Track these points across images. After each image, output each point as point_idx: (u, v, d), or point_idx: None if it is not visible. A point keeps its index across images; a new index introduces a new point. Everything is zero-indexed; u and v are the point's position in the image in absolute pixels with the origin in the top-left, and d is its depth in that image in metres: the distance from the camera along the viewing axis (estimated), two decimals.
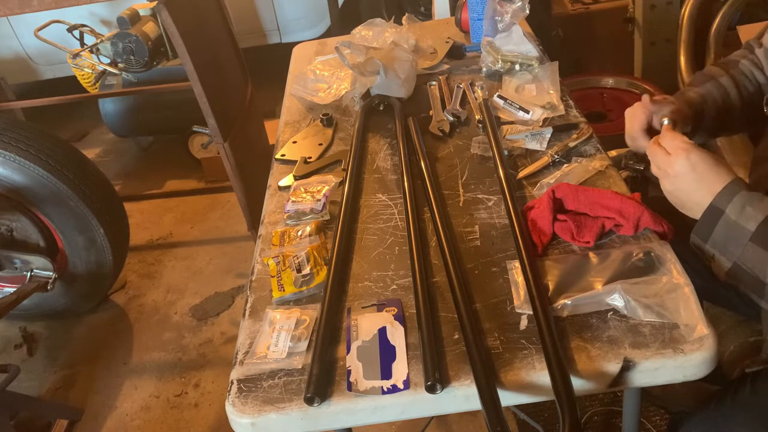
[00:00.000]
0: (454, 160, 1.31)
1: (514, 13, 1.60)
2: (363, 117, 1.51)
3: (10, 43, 3.59)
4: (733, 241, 0.85)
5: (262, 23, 3.66)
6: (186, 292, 2.57)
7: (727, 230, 0.86)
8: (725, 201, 0.86)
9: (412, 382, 0.86)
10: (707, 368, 0.85)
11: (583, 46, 3.08)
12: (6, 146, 2.04)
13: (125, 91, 2.98)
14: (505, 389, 0.84)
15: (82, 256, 2.25)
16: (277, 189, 1.33)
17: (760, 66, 1.14)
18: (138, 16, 2.73)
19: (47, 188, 2.09)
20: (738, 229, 0.84)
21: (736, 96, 1.13)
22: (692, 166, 0.90)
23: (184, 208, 3.11)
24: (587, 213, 1.04)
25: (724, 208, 0.86)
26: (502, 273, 1.01)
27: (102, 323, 2.50)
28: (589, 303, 0.91)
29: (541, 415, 1.71)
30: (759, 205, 0.84)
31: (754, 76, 1.15)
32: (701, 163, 0.89)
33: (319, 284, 1.04)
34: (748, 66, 1.15)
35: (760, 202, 0.84)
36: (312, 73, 1.73)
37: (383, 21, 1.76)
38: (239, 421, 0.87)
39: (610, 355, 0.85)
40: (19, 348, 2.43)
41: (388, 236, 1.14)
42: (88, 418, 2.11)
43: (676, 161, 0.91)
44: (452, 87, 1.58)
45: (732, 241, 0.85)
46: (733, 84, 1.13)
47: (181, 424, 2.02)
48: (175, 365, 2.24)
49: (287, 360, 0.92)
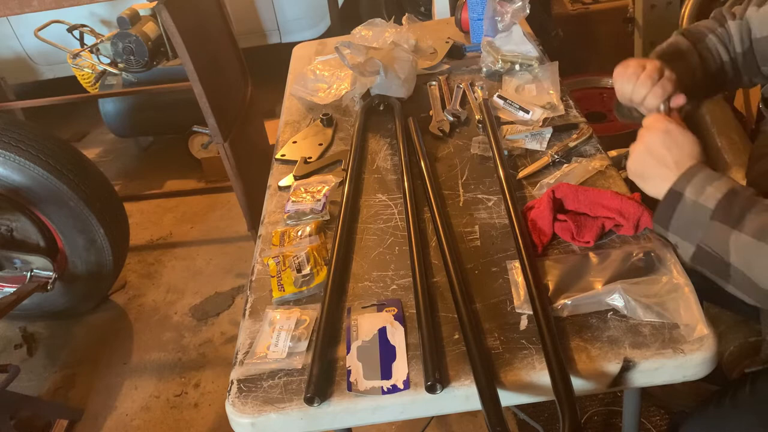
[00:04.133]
0: (454, 160, 1.31)
1: (514, 13, 1.60)
2: (363, 117, 1.51)
3: (10, 43, 3.59)
4: (695, 223, 0.83)
5: (262, 23, 3.66)
6: (186, 292, 2.57)
7: (687, 213, 0.83)
8: (684, 184, 0.84)
9: (412, 382, 0.86)
10: (707, 368, 0.85)
11: (583, 46, 3.08)
12: (6, 146, 2.04)
13: (125, 91, 2.98)
14: (505, 389, 0.84)
15: (82, 256, 2.25)
16: (277, 189, 1.33)
17: (726, 42, 1.10)
18: (138, 16, 2.74)
19: (47, 188, 2.09)
20: (698, 210, 0.82)
21: (701, 76, 1.09)
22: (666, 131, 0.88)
23: (184, 208, 3.11)
24: (587, 213, 1.04)
25: (683, 191, 0.84)
26: (502, 273, 1.01)
27: (102, 323, 2.50)
28: (589, 303, 0.91)
29: (541, 415, 1.71)
30: (718, 183, 0.82)
31: (719, 53, 1.10)
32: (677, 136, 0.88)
33: (319, 284, 1.04)
34: (714, 42, 1.11)
35: (719, 180, 0.83)
36: (312, 73, 1.73)
37: (383, 21, 1.76)
38: (239, 421, 0.87)
39: (610, 355, 0.85)
40: (19, 348, 2.43)
41: (388, 236, 1.14)
42: (88, 418, 2.11)
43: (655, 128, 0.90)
44: (452, 87, 1.58)
45: (693, 224, 0.83)
46: (701, 64, 1.10)
47: (181, 424, 2.02)
48: (175, 365, 2.24)
49: (287, 360, 0.92)
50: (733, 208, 0.80)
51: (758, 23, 1.04)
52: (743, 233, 0.78)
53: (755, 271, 0.78)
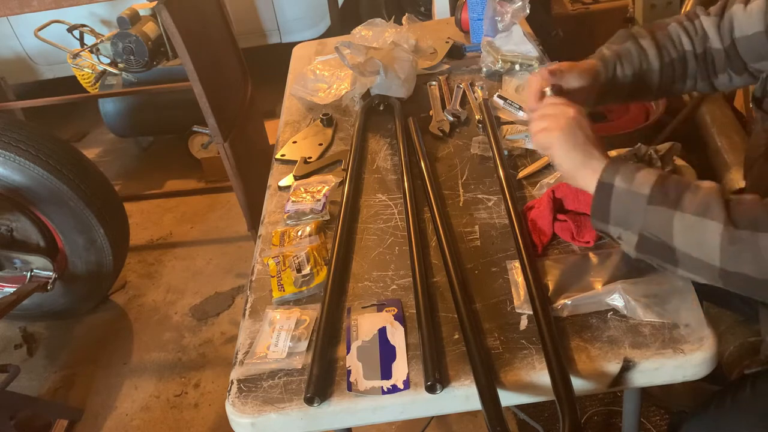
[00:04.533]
0: (454, 160, 1.31)
1: (514, 13, 1.60)
2: (363, 117, 1.51)
3: (10, 43, 3.59)
4: (633, 211, 0.82)
5: (262, 23, 3.66)
6: (186, 292, 2.57)
7: (623, 202, 0.83)
8: (612, 174, 0.84)
9: (412, 382, 0.86)
10: (707, 368, 0.85)
11: (583, 46, 3.07)
12: (6, 146, 2.04)
13: (125, 91, 2.98)
14: (505, 389, 0.84)
15: (82, 256, 2.25)
16: (277, 189, 1.33)
17: (692, 34, 1.09)
18: (138, 16, 2.73)
19: (47, 188, 2.09)
20: (634, 197, 0.82)
21: (655, 58, 1.08)
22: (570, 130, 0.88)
23: (184, 208, 3.11)
24: (587, 213, 1.04)
25: (613, 181, 0.83)
26: (502, 273, 1.01)
27: (102, 323, 2.50)
28: (589, 303, 0.91)
29: (541, 415, 1.71)
30: (645, 171, 0.82)
31: (681, 43, 1.09)
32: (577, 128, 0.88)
33: (319, 284, 1.04)
34: (676, 30, 1.09)
35: (644, 169, 0.83)
36: (312, 73, 1.73)
37: (383, 21, 1.76)
38: (239, 421, 0.87)
39: (610, 355, 0.85)
40: (19, 348, 2.43)
41: (388, 236, 1.14)
42: (88, 418, 2.11)
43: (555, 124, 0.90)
44: (452, 87, 1.58)
45: (631, 212, 0.82)
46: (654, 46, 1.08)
47: (181, 424, 2.02)
48: (175, 365, 2.24)
49: (287, 360, 0.92)
50: (668, 191, 0.80)
51: (745, 21, 1.03)
52: (686, 213, 0.78)
53: (704, 249, 0.77)
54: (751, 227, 0.74)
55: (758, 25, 1.01)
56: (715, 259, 0.77)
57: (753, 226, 0.74)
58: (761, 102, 1.03)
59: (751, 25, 1.02)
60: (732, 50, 1.07)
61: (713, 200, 0.77)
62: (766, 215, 0.74)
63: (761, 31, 1.01)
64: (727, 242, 0.75)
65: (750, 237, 0.74)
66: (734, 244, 0.75)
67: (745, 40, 1.04)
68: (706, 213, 0.77)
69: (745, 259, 0.75)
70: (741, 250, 0.75)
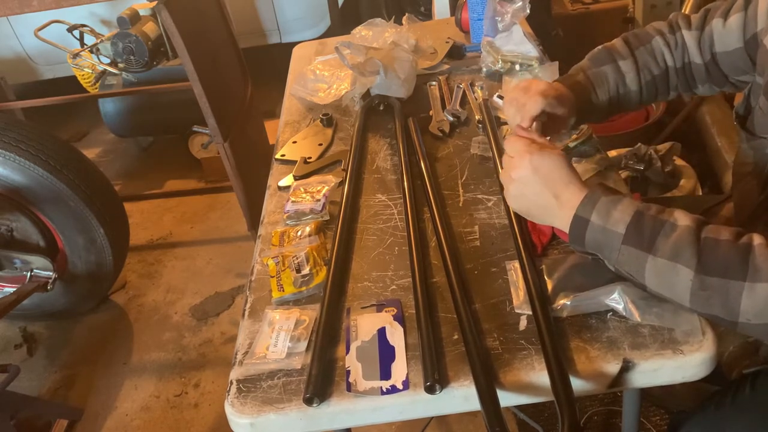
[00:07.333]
0: (454, 160, 1.31)
1: (514, 13, 1.60)
2: (363, 117, 1.51)
3: (10, 43, 3.59)
4: (607, 247, 0.83)
5: (262, 23, 3.66)
6: (186, 292, 2.57)
7: (597, 237, 0.84)
8: (589, 210, 0.84)
9: (411, 383, 0.86)
10: (707, 369, 0.84)
11: (583, 46, 3.07)
12: (6, 146, 2.04)
13: (125, 91, 2.98)
14: (505, 390, 0.84)
15: (82, 256, 2.25)
16: (277, 189, 1.33)
17: (672, 48, 1.09)
18: (138, 16, 2.74)
19: (47, 188, 2.09)
20: (609, 235, 0.82)
21: (633, 81, 1.09)
22: (534, 169, 0.88)
23: (184, 208, 3.11)
24: None
25: (589, 216, 0.84)
26: (501, 273, 1.01)
27: (102, 323, 2.50)
28: (589, 303, 0.91)
29: (541, 415, 1.71)
30: (622, 207, 0.82)
31: (664, 59, 1.09)
32: (544, 167, 0.88)
33: (319, 284, 1.03)
34: (659, 45, 1.09)
35: (621, 202, 0.83)
36: (312, 73, 1.73)
37: (383, 21, 1.75)
38: (238, 421, 0.87)
39: (610, 355, 0.85)
40: (19, 348, 2.43)
41: (388, 236, 1.14)
42: (88, 418, 2.11)
43: (519, 164, 0.89)
44: (452, 87, 1.58)
45: (606, 247, 0.84)
46: (634, 69, 1.09)
47: (181, 424, 2.02)
48: (175, 365, 2.24)
49: (286, 360, 0.92)
50: (643, 232, 0.80)
51: (725, 36, 1.03)
52: (658, 258, 0.79)
53: (675, 291, 0.79)
54: (721, 274, 0.75)
55: (738, 41, 1.02)
56: (685, 301, 0.79)
57: (723, 273, 0.75)
58: (744, 120, 1.02)
59: (731, 41, 1.03)
60: (712, 65, 1.08)
61: (686, 244, 0.77)
62: (738, 261, 0.74)
63: (741, 47, 1.02)
64: (697, 287, 0.77)
65: (720, 284, 0.75)
66: (704, 290, 0.76)
67: (726, 55, 1.05)
68: (678, 258, 0.77)
69: (715, 303, 0.76)
70: (710, 296, 0.76)
